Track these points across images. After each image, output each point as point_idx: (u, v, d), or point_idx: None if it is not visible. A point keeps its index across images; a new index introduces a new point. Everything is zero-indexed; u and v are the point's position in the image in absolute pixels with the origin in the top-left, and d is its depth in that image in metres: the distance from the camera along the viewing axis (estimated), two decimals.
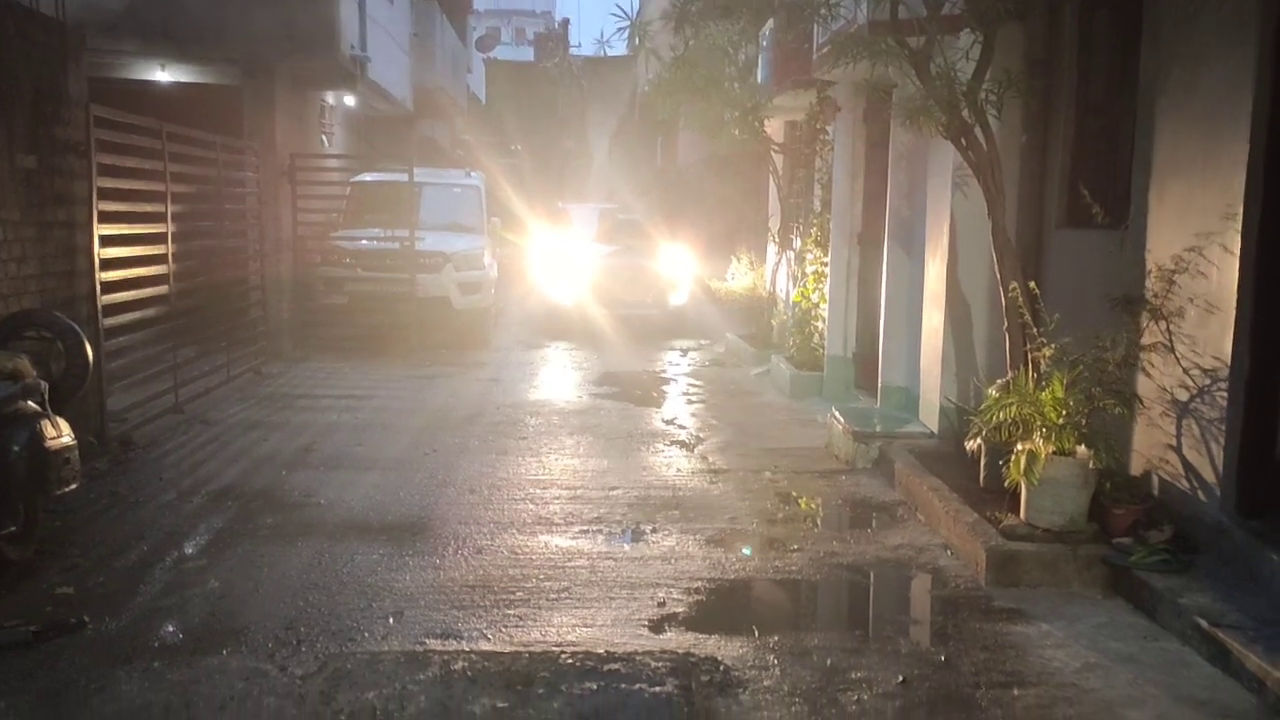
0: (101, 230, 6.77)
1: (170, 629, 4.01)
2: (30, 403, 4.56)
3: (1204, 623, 3.85)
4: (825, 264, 9.29)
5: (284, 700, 3.41)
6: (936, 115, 5.46)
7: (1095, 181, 5.47)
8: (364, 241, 12.02)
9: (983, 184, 5.58)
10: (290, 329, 11.35)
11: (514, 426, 7.86)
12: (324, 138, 13.40)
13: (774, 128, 11.23)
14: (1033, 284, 5.42)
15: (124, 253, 7.13)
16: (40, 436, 4.48)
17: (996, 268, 5.63)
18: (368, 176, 13.09)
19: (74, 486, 4.76)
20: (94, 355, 5.67)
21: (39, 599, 4.25)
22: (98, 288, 6.69)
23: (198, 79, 11.17)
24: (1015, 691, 3.58)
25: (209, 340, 9.09)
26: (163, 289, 7.86)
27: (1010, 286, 5.47)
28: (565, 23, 34.79)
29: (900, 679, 3.64)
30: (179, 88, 10.94)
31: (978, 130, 5.48)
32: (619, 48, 22.88)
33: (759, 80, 10.33)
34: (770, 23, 9.46)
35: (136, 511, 5.49)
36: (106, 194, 6.90)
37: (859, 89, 7.63)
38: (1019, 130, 6.13)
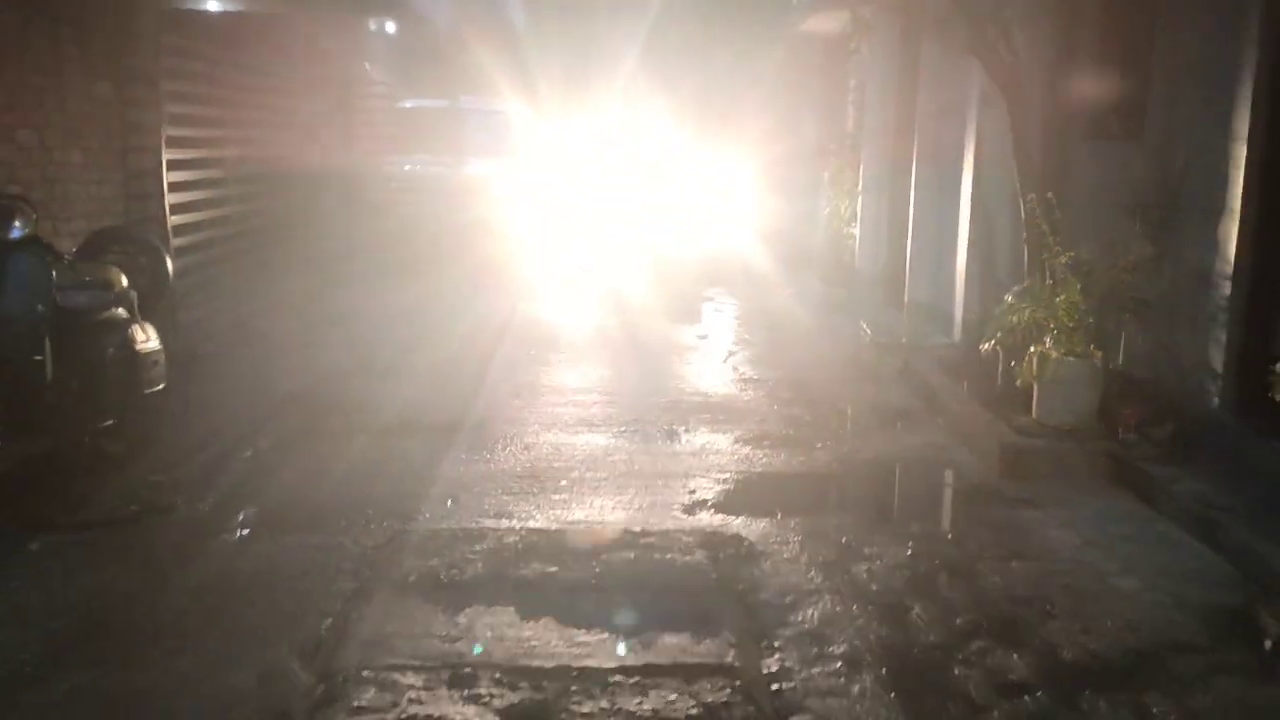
0: (169, 155, 7.17)
1: (252, 510, 4.47)
2: (121, 310, 5.00)
3: (1196, 505, 4.17)
4: (857, 183, 9.48)
5: (358, 564, 3.87)
6: (963, 32, 5.62)
7: (1116, 95, 5.63)
8: (409, 166, 12.37)
9: (1006, 99, 5.76)
10: (342, 251, 11.77)
11: (552, 338, 8.26)
12: (368, 65, 13.66)
13: (809, 48, 11.30)
14: (1050, 195, 5.63)
15: (189, 176, 7.54)
16: (131, 340, 4.93)
17: (1018, 179, 5.85)
18: (410, 103, 13.38)
19: (161, 387, 5.22)
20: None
21: (135, 486, 4.73)
22: (167, 209, 7.12)
23: (248, 7, 11.44)
24: (1014, 564, 3.94)
25: (268, 262, 9.53)
26: (225, 211, 8.28)
27: (1029, 197, 5.68)
28: None
29: (909, 553, 4.01)
30: (230, 16, 11.23)
31: (1002, 46, 5.65)
32: None
33: (792, 1, 10.39)
34: None
35: (211, 415, 5.96)
36: (175, 120, 7.28)
37: (891, 5, 7.75)
38: (1045, 46, 6.26)
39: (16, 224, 4.28)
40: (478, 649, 3.24)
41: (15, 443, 4.36)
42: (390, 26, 13.78)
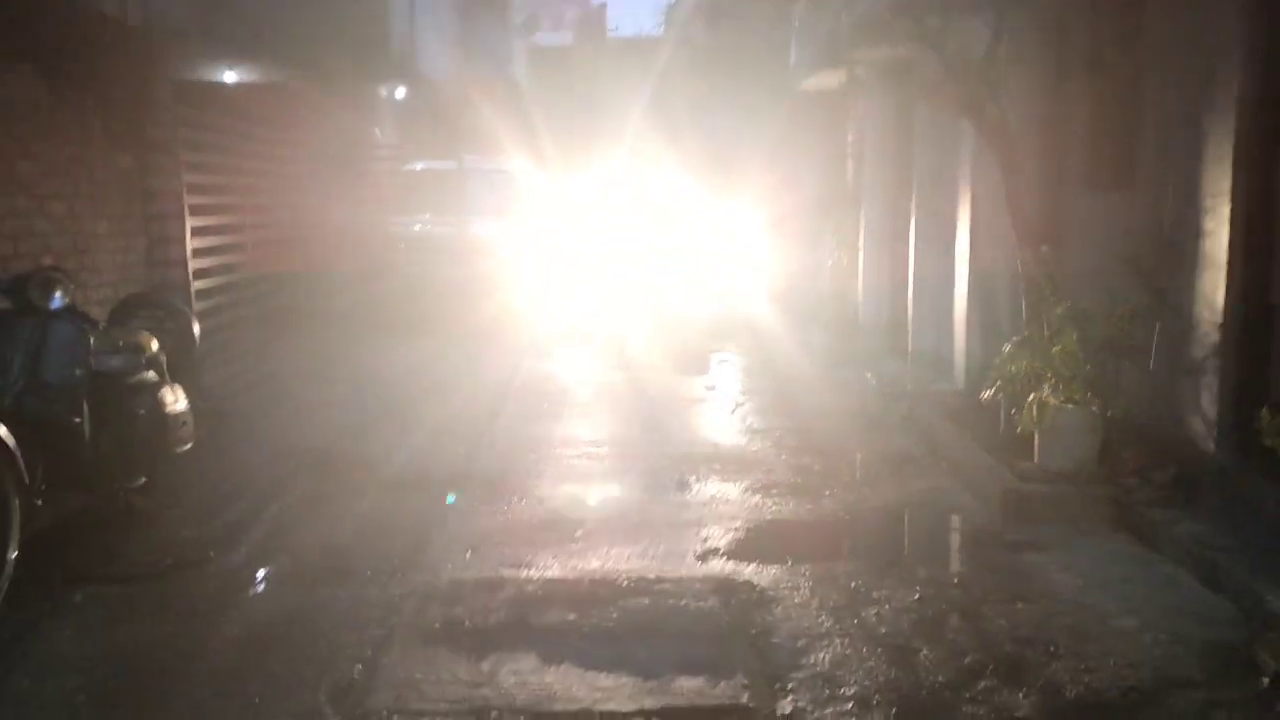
0: (189, 222, 7.43)
1: (282, 563, 4.62)
2: (151, 373, 5.20)
3: (1196, 546, 4.30)
4: (859, 236, 9.72)
5: (385, 613, 4.00)
6: (953, 94, 5.88)
7: (1107, 148, 5.87)
8: (416, 227, 12.67)
9: (998, 155, 6.00)
10: (354, 310, 12.01)
11: (562, 392, 8.44)
12: (377, 129, 14.04)
13: (810, 104, 11.65)
14: (1045, 247, 5.83)
15: (208, 242, 7.80)
16: (162, 402, 5.11)
17: (1012, 233, 6.06)
18: (418, 165, 13.73)
19: (189, 446, 5.39)
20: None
21: (167, 541, 4.88)
22: (190, 274, 7.36)
23: (260, 78, 11.83)
24: (1019, 605, 4.06)
25: (283, 322, 9.76)
26: (241, 275, 8.53)
27: (1024, 250, 5.89)
28: (603, 6, 35.16)
29: (917, 597, 4.14)
30: (243, 87, 11.61)
31: (991, 106, 5.90)
32: (653, 27, 23.20)
33: (791, 62, 10.75)
34: (800, 6, 9.88)
35: (238, 471, 6.12)
36: (193, 188, 7.56)
37: (885, 68, 8.05)
38: (1035, 100, 6.52)
39: (57, 295, 4.50)
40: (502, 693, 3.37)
41: (54, 500, 4.53)
42: (400, 92, 14.19)
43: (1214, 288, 4.85)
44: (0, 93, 5.56)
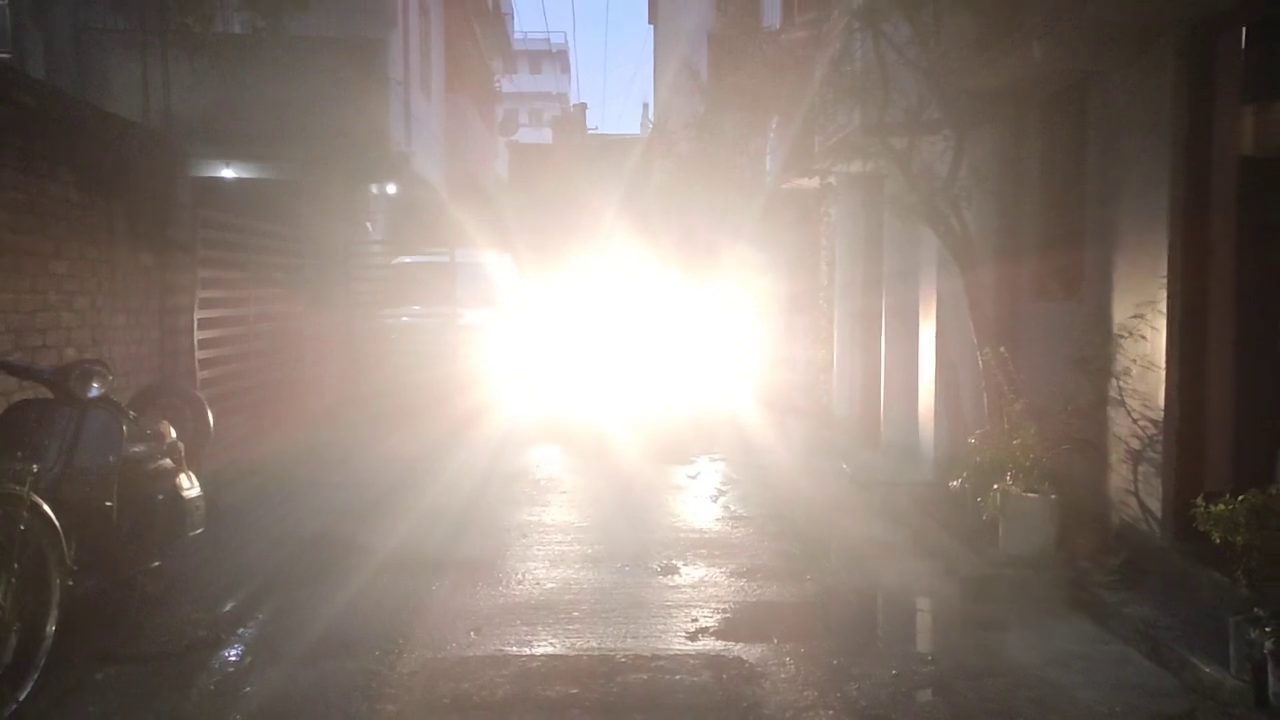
0: (199, 315, 7.83)
1: (292, 642, 4.87)
2: (169, 460, 5.51)
3: (1142, 625, 4.68)
4: (832, 333, 10.25)
5: (397, 689, 4.28)
6: (917, 207, 6.45)
7: (1057, 261, 6.43)
8: (405, 319, 13.09)
9: (959, 264, 6.55)
10: (349, 399, 12.34)
11: (550, 481, 8.77)
12: (369, 224, 14.58)
13: (785, 204, 12.31)
14: (1003, 349, 6.34)
15: (215, 334, 8.18)
16: (179, 488, 5.42)
17: (974, 334, 6.57)
18: (407, 259, 14.22)
19: (201, 530, 5.67)
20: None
21: (178, 621, 5.13)
22: (197, 365, 7.71)
23: (259, 175, 12.37)
24: (987, 680, 4.41)
25: (280, 411, 10.08)
26: (244, 365, 8.88)
27: (985, 352, 6.39)
28: (583, 106, 36.55)
29: (894, 672, 4.48)
30: (253, 185, 12.14)
31: (953, 218, 6.47)
32: (633, 127, 24.13)
33: (767, 169, 11.44)
34: (775, 120, 10.59)
35: (239, 555, 6.38)
36: (205, 283, 7.97)
37: (856, 178, 8.68)
38: (992, 216, 7.11)
39: (95, 385, 4.84)
40: None
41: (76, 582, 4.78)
42: (391, 189, 14.77)
43: (1154, 387, 5.34)
44: (41, 200, 5.99)
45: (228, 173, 12.03)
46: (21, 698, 3.94)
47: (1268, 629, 3.87)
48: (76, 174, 6.42)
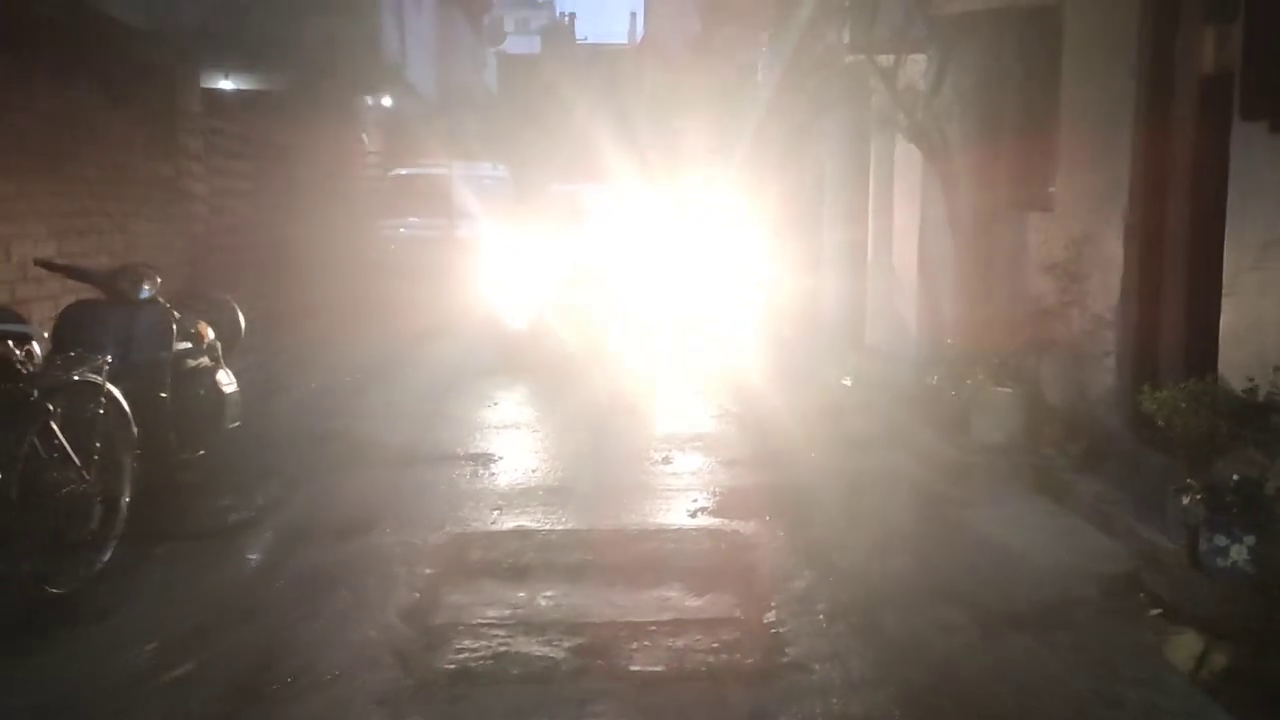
0: (215, 221, 8.18)
1: (327, 522, 5.35)
2: (207, 359, 5.95)
3: (1094, 500, 5.26)
4: (821, 241, 10.67)
5: (432, 556, 4.82)
6: (902, 122, 6.82)
7: (1032, 174, 6.84)
8: (403, 230, 13.40)
9: (941, 178, 6.95)
10: (347, 305, 12.70)
11: (558, 382, 9.27)
12: (364, 135, 14.76)
13: (775, 118, 12.57)
14: (979, 256, 6.80)
15: (231, 240, 8.54)
16: (218, 384, 5.87)
17: (953, 244, 7.02)
18: (403, 170, 14.45)
19: (238, 424, 6.14)
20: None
21: (218, 506, 5.61)
22: (218, 270, 8.09)
23: (257, 86, 12.52)
24: (956, 547, 4.99)
25: (287, 317, 10.46)
26: (254, 272, 9.25)
27: (964, 258, 6.85)
28: (572, 17, 36.06)
29: (870, 542, 5.04)
30: (257, 97, 12.30)
31: (936, 134, 6.85)
32: (621, 36, 23.91)
33: (759, 82, 11.68)
34: (766, 36, 10.81)
35: (271, 448, 6.84)
36: (217, 191, 8.30)
37: (843, 94, 8.99)
38: (972, 132, 7.49)
39: (145, 287, 5.24)
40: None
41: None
42: (387, 100, 14.90)
43: (1113, 290, 5.83)
44: (71, 107, 6.28)
45: (226, 84, 12.18)
46: (104, 560, 4.45)
47: (1199, 498, 4.41)
48: (98, 82, 6.69)
